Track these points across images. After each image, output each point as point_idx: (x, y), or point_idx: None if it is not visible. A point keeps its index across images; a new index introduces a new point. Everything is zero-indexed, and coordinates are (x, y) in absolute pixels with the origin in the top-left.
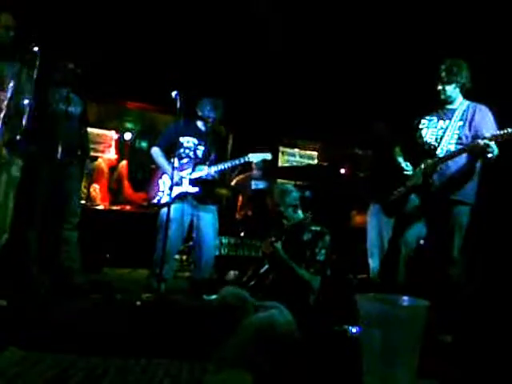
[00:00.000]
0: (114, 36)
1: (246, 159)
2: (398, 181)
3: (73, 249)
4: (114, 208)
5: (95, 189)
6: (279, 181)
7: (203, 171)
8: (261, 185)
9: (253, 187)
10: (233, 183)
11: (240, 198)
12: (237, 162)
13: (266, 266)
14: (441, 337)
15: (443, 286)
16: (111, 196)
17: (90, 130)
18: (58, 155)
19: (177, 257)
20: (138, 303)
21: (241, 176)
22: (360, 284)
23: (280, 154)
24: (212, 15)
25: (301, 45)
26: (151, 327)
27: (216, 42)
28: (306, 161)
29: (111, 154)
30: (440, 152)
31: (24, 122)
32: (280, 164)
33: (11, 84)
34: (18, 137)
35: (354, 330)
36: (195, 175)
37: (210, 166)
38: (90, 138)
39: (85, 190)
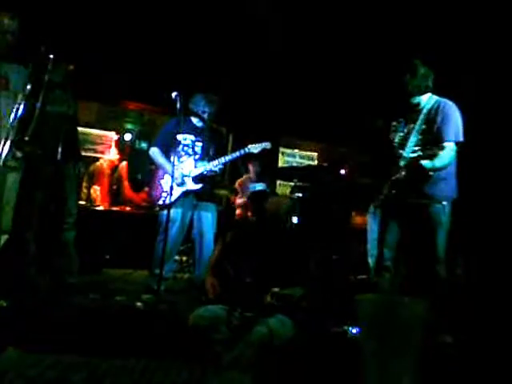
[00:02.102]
0: (113, 37)
1: (247, 150)
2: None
3: (70, 248)
4: (114, 209)
5: (95, 190)
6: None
7: (204, 167)
8: (258, 186)
9: (250, 189)
10: (235, 185)
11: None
12: (237, 154)
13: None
14: (441, 337)
15: (431, 285)
16: (111, 197)
17: (90, 130)
18: (58, 156)
19: (177, 258)
20: (138, 304)
21: (240, 178)
22: (360, 285)
23: (280, 155)
24: (212, 15)
25: (301, 45)
26: (151, 328)
27: (216, 43)
28: (306, 161)
29: (112, 155)
30: (402, 160)
31: (33, 124)
32: (280, 165)
33: (27, 87)
34: (26, 138)
35: (354, 331)
36: (197, 172)
37: (210, 161)
38: (90, 139)
39: (85, 191)
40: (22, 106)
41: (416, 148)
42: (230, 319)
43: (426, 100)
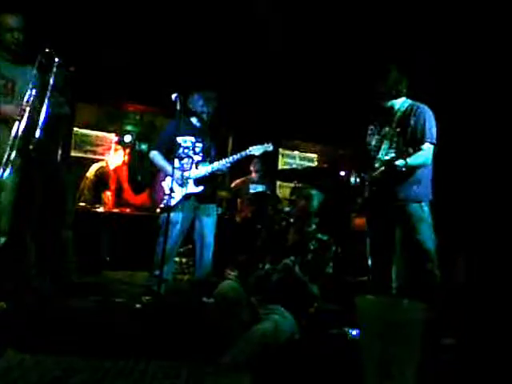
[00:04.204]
0: (113, 38)
1: (248, 152)
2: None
3: (68, 248)
4: (114, 211)
5: (107, 196)
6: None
7: (205, 168)
8: (259, 188)
9: (251, 190)
10: (232, 186)
11: (238, 201)
12: (238, 156)
13: (269, 266)
14: (441, 339)
15: (426, 284)
16: (115, 199)
17: (89, 132)
18: (58, 157)
19: (176, 259)
20: (138, 306)
21: (240, 179)
22: (360, 286)
23: (280, 157)
24: (212, 16)
25: (301, 45)
26: (151, 329)
27: (216, 44)
28: (306, 163)
29: (118, 158)
30: (376, 161)
31: (38, 131)
32: (280, 166)
33: (33, 92)
34: (30, 146)
35: (353, 333)
36: (198, 173)
37: (211, 162)
38: (90, 141)
39: (87, 192)
40: (26, 114)
41: (391, 150)
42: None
43: (400, 104)
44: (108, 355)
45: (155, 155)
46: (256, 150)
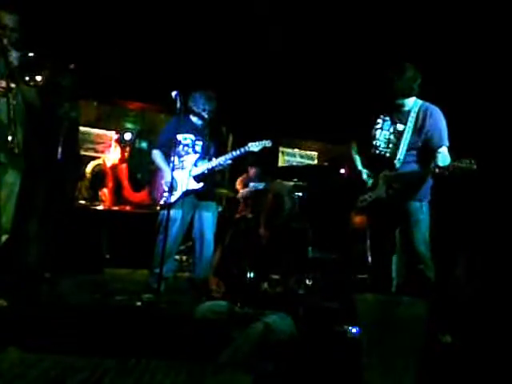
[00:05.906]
0: (113, 36)
1: (247, 149)
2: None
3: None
4: (114, 208)
5: (104, 193)
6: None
7: (205, 166)
8: (259, 186)
9: (251, 187)
10: (237, 186)
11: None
12: (238, 152)
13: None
14: (441, 337)
15: (418, 283)
16: (114, 197)
17: (89, 129)
18: (59, 156)
19: (177, 257)
20: (138, 304)
21: (241, 177)
22: (360, 284)
23: (280, 154)
24: (212, 15)
25: (301, 45)
26: (151, 328)
27: (216, 42)
28: (306, 161)
29: (115, 155)
30: (398, 163)
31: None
32: (280, 164)
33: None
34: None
35: (354, 331)
36: (197, 171)
37: (210, 159)
38: (90, 138)
39: (85, 190)
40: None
41: (410, 152)
42: (231, 314)
43: (412, 103)
44: (108, 354)
45: (157, 155)
46: (255, 146)
